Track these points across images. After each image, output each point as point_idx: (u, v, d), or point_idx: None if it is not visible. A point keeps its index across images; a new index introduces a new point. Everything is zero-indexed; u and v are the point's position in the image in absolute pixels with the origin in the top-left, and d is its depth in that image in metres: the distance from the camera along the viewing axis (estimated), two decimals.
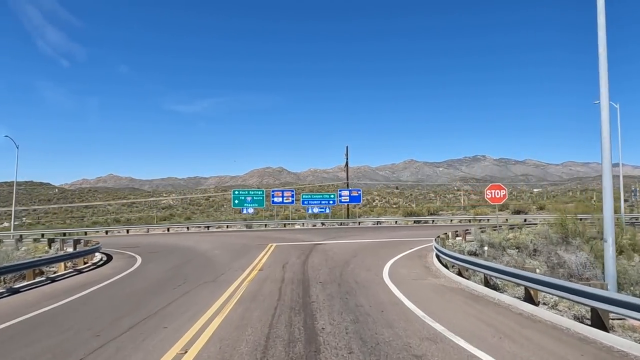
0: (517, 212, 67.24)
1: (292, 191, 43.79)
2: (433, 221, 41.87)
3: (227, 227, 39.46)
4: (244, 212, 41.96)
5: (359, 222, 41.14)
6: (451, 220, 44.04)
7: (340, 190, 44.25)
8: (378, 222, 41.48)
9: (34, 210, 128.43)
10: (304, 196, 43.77)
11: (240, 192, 42.36)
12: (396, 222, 41.96)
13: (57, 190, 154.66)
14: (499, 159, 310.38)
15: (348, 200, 43.37)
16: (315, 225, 40.00)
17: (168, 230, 37.92)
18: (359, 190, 44.75)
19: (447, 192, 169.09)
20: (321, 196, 44.29)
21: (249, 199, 41.11)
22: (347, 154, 50.21)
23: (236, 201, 41.36)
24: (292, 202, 43.29)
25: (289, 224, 40.58)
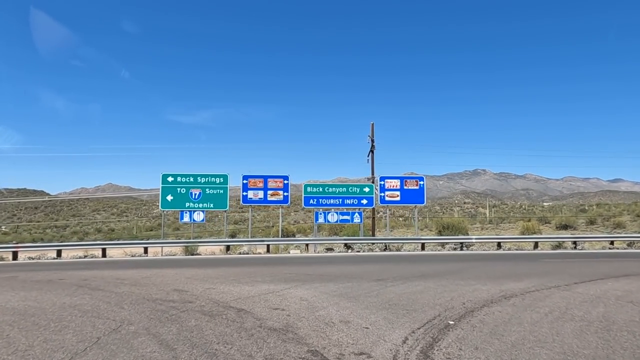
0: (564, 227, 52.03)
1: (285, 179, 21.56)
2: (575, 244, 20.96)
3: (145, 251, 19.04)
4: (185, 219, 20.50)
5: (423, 244, 20.23)
6: (611, 243, 22.61)
7: (382, 179, 22.02)
8: (464, 245, 20.52)
9: (18, 218, 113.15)
10: (307, 189, 21.85)
11: (179, 180, 20.30)
12: (499, 244, 21.18)
13: (47, 198, 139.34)
14: (499, 173, 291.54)
15: (398, 198, 21.65)
16: (331, 250, 19.99)
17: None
18: (422, 179, 22.61)
19: (451, 205, 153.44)
20: (345, 190, 21.59)
21: (195, 192, 19.80)
22: (372, 135, 30.58)
23: (169, 197, 20.06)
24: (286, 200, 21.75)
25: (277, 243, 20.59)
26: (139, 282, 9.35)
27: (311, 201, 21.81)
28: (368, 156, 30.27)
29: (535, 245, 21.20)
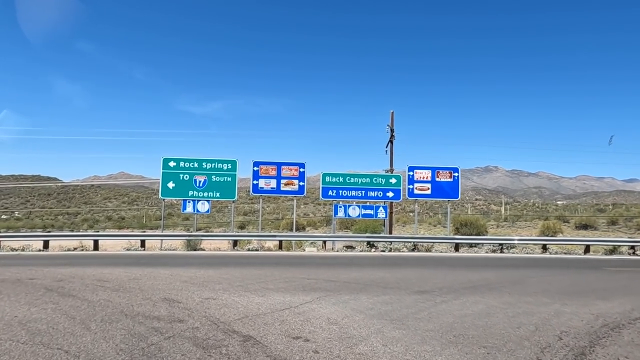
0: (584, 227, 49.89)
1: (302, 166, 19.20)
2: (634, 249, 18.09)
3: (142, 244, 16.66)
4: (188, 210, 18.31)
5: (457, 244, 17.70)
6: None
7: (412, 169, 19.56)
8: (504, 247, 17.98)
9: (31, 204, 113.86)
10: (326, 179, 19.38)
11: (182, 165, 18.10)
12: (544, 246, 18.33)
13: (59, 184, 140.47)
14: (512, 171, 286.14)
15: (429, 191, 19.32)
16: (351, 248, 18.07)
17: None
18: (457, 171, 19.73)
19: (462, 201, 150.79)
20: (369, 180, 19.28)
21: (200, 179, 17.68)
22: (391, 125, 28.37)
23: (170, 184, 17.87)
24: (302, 191, 19.47)
25: (291, 239, 18.72)
26: (123, 286, 7.53)
27: (330, 192, 19.41)
28: (387, 147, 27.98)
29: (587, 249, 18.86)
